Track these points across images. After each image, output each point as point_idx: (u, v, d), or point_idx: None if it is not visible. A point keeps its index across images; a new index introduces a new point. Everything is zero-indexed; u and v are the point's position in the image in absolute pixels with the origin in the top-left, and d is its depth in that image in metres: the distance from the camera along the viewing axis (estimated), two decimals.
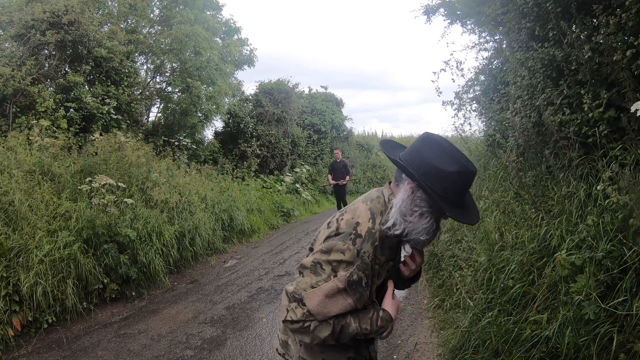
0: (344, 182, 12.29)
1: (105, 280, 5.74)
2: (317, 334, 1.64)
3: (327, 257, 1.62)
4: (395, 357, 4.38)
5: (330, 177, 12.62)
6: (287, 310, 1.68)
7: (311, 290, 1.62)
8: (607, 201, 3.05)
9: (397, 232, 1.65)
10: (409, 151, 1.70)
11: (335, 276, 1.61)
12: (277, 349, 2.03)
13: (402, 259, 1.91)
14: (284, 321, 1.69)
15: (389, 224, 1.65)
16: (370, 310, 1.74)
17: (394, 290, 1.85)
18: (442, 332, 4.59)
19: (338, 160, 12.58)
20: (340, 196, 12.47)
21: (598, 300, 2.74)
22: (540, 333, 3.06)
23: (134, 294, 6.04)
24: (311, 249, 1.81)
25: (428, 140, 1.67)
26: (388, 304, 1.79)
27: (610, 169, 3.18)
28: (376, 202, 1.73)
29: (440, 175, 1.58)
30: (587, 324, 2.78)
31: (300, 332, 1.67)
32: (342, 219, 1.69)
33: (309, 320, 1.63)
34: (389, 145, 1.86)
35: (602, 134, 3.52)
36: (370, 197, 1.77)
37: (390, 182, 1.80)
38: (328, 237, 1.67)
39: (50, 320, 4.97)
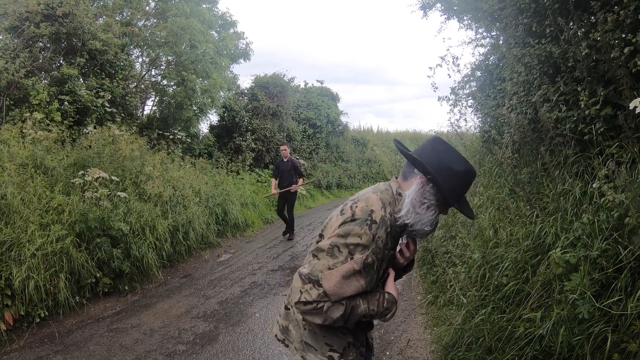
0: (294, 189, 9.30)
1: (98, 275, 5.70)
2: (330, 315, 1.73)
3: (344, 241, 1.72)
4: (388, 353, 4.37)
5: (274, 182, 9.44)
6: (301, 292, 1.74)
7: (328, 272, 1.71)
8: (602, 199, 3.03)
9: (407, 222, 1.82)
10: (421, 150, 1.86)
11: (351, 258, 1.71)
12: (276, 335, 2.12)
13: (399, 249, 2.01)
14: (297, 302, 1.75)
15: (402, 212, 1.81)
16: (377, 292, 1.86)
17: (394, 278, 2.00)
18: (435, 328, 4.59)
19: (285, 160, 9.40)
20: (289, 203, 9.41)
21: (592, 299, 2.72)
22: (534, 331, 3.06)
23: (126, 288, 6.00)
24: (321, 235, 1.89)
25: (439, 142, 1.86)
26: (391, 288, 1.93)
27: (606, 167, 3.16)
28: (385, 193, 1.86)
29: (450, 173, 1.78)
30: (581, 323, 2.77)
31: (312, 314, 1.75)
32: (356, 206, 1.79)
33: (323, 301, 1.72)
34: (401, 144, 2.01)
35: (599, 132, 3.50)
36: (379, 189, 1.89)
37: (396, 177, 1.95)
38: (344, 223, 1.76)
39: (42, 315, 4.93)
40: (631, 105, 2.92)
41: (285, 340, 2.05)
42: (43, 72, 8.76)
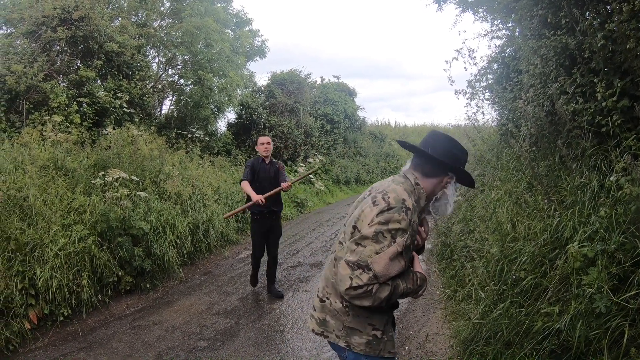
0: (287, 187, 5.65)
1: (120, 273, 5.82)
2: (378, 295, 1.91)
3: (386, 227, 1.91)
4: (407, 347, 4.40)
5: (248, 190, 5.48)
6: (351, 279, 1.90)
7: (377, 256, 1.89)
8: (620, 192, 3.01)
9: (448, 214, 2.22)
10: (435, 148, 2.09)
11: (394, 242, 1.91)
12: (313, 330, 2.23)
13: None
14: (348, 288, 1.90)
15: (449, 212, 2.19)
16: (410, 272, 2.09)
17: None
18: (454, 323, 4.60)
19: (266, 162, 5.85)
20: (274, 234, 5.87)
21: (610, 293, 2.71)
22: (552, 325, 3.05)
23: (148, 286, 6.12)
24: (355, 227, 2.03)
25: (442, 136, 2.15)
26: (419, 267, 2.16)
27: (624, 160, 3.13)
28: (406, 184, 2.08)
29: (457, 158, 2.11)
30: (598, 317, 2.75)
31: (362, 297, 1.91)
32: (388, 197, 1.97)
33: (372, 283, 1.89)
34: (408, 145, 2.24)
35: (616, 124, 3.45)
36: (398, 181, 2.10)
37: (408, 168, 2.17)
38: (381, 212, 1.93)
39: (65, 313, 5.06)
40: None
41: (324, 332, 2.16)
42: (61, 75, 8.95)
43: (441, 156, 2.06)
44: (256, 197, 5.34)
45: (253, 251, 5.95)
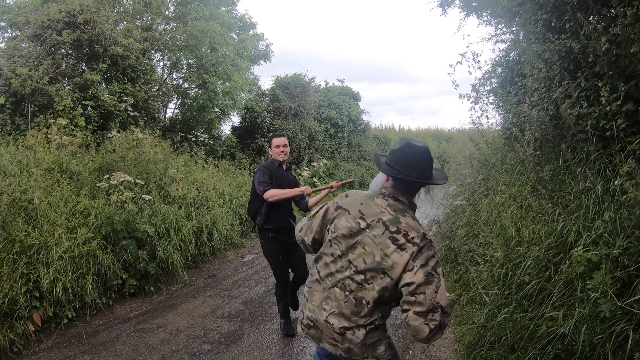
0: (324, 195, 4.91)
1: (124, 276, 5.84)
2: (446, 322, 2.03)
3: (430, 267, 2.00)
4: (411, 352, 4.39)
5: (283, 192, 4.48)
6: (427, 325, 1.95)
7: (438, 294, 1.98)
8: (624, 197, 3.00)
9: None
10: (420, 165, 2.18)
11: (440, 273, 2.03)
12: (339, 355, 2.21)
13: None
14: (429, 333, 1.97)
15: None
16: None
17: None
18: (458, 327, 4.58)
19: (284, 167, 4.87)
20: (298, 254, 4.81)
21: (614, 297, 2.70)
22: (556, 330, 3.04)
23: (152, 289, 6.14)
24: (385, 274, 2.07)
25: (423, 152, 2.20)
26: None
27: (628, 164, 3.13)
28: (409, 211, 2.19)
29: (431, 176, 2.21)
30: (602, 322, 2.75)
31: (439, 332, 2.00)
32: (411, 237, 2.05)
33: (442, 317, 1.99)
34: (380, 160, 2.39)
35: (620, 128, 3.46)
36: (403, 211, 2.17)
37: (389, 195, 2.24)
38: (418, 254, 2.02)
39: (70, 316, 5.07)
40: None
41: (352, 357, 2.16)
42: (66, 79, 8.98)
43: (422, 178, 2.17)
44: (302, 189, 4.51)
45: (277, 279, 4.84)
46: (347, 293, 2.13)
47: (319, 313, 2.20)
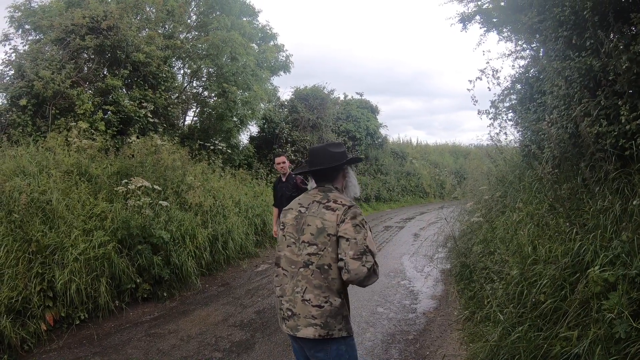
0: None
1: (138, 280, 5.91)
2: (377, 269, 2.38)
3: (357, 220, 2.38)
4: None
5: (276, 213, 6.33)
6: (364, 265, 2.27)
7: (367, 240, 2.33)
8: None
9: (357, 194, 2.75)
10: (320, 161, 2.60)
11: (367, 227, 2.41)
12: (317, 336, 2.37)
13: None
14: (367, 272, 2.27)
15: (358, 189, 2.74)
16: None
17: None
18: (471, 345, 4.52)
19: (283, 179, 6.03)
20: None
21: (630, 318, 2.66)
22: (570, 350, 2.99)
23: (165, 294, 6.19)
24: (329, 235, 2.40)
25: (318, 148, 2.69)
26: None
27: None
28: (335, 192, 2.58)
29: (338, 154, 2.62)
30: (617, 343, 2.70)
31: (373, 276, 2.34)
32: (338, 201, 2.46)
33: (374, 261, 2.35)
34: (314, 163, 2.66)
35: None
36: (330, 190, 2.58)
37: (317, 187, 2.64)
38: (345, 213, 2.40)
39: (82, 317, 5.16)
40: None
41: (329, 332, 2.38)
42: (88, 83, 9.20)
43: (330, 163, 2.57)
44: (274, 230, 5.50)
45: None
46: (310, 267, 2.41)
47: (294, 298, 2.44)
